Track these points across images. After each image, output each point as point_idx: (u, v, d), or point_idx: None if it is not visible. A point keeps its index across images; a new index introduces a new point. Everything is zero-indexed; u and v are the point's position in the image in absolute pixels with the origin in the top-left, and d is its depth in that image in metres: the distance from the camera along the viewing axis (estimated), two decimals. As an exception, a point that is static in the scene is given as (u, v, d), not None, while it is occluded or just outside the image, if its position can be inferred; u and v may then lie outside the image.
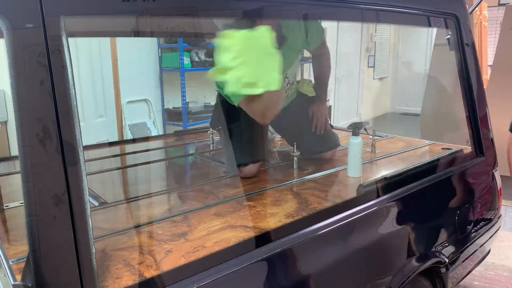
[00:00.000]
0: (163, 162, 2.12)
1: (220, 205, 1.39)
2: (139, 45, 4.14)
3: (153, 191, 1.57)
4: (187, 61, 4.18)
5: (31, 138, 0.76)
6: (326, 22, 1.83)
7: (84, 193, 0.82)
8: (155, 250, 1.08)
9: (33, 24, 0.76)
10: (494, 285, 2.45)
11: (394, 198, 1.48)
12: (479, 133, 1.97)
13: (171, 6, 1.04)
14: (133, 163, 2.03)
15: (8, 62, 0.74)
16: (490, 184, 1.99)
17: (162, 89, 4.38)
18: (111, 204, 1.42)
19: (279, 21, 1.73)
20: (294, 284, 1.15)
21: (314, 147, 1.93)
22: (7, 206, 1.42)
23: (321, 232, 1.22)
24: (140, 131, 4.09)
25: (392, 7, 1.58)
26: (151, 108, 4.31)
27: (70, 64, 0.80)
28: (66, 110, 0.79)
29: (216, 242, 1.11)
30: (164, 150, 2.37)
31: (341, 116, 6.87)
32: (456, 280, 1.81)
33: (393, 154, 2.05)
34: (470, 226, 1.80)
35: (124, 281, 0.94)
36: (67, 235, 0.80)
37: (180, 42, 4.03)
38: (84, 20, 0.97)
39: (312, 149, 1.93)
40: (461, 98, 1.95)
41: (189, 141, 2.52)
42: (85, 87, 3.53)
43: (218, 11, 1.18)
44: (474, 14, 4.59)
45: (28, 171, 0.76)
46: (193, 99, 4.60)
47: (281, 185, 1.60)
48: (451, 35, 1.89)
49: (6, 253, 1.05)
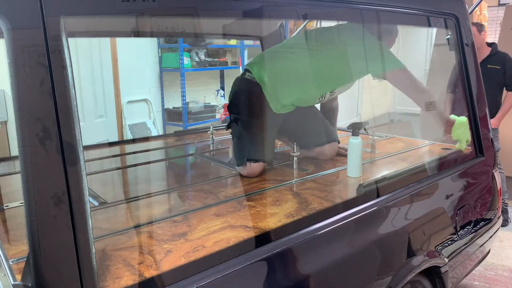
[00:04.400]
0: (163, 162, 2.12)
1: (220, 205, 1.39)
2: (139, 45, 4.15)
3: (153, 191, 1.57)
4: (187, 61, 4.19)
5: (31, 138, 0.76)
6: (326, 22, 1.83)
7: (84, 193, 0.82)
8: (155, 250, 1.08)
9: (33, 24, 0.76)
10: (494, 285, 2.45)
11: (394, 198, 1.48)
12: (479, 133, 1.97)
13: (171, 6, 1.04)
14: (133, 163, 2.03)
15: (8, 62, 0.74)
16: (490, 184, 1.99)
17: (162, 89, 4.38)
18: (111, 204, 1.42)
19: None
20: (294, 284, 1.15)
21: (313, 142, 1.94)
22: (7, 206, 1.42)
23: (321, 232, 1.22)
24: (140, 131, 4.09)
25: (392, 7, 1.58)
26: (151, 108, 4.31)
27: (70, 64, 0.80)
28: (66, 110, 0.79)
29: (216, 242, 1.11)
30: (164, 150, 2.37)
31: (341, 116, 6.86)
32: (456, 280, 1.81)
33: (393, 154, 2.05)
34: (470, 226, 1.80)
35: (124, 281, 0.94)
36: (67, 235, 0.80)
37: (180, 42, 4.04)
38: (84, 20, 0.97)
39: (311, 144, 1.93)
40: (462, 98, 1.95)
41: (189, 141, 2.52)
42: (85, 87, 3.53)
43: (218, 11, 1.18)
44: (474, 14, 4.59)
45: (28, 171, 0.76)
46: (193, 99, 4.60)
47: (281, 185, 1.60)
48: (451, 35, 1.89)
49: (6, 253, 1.05)
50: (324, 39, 1.83)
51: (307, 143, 1.92)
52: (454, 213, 1.72)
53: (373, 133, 2.08)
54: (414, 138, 2.40)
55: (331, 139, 1.95)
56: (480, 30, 3.18)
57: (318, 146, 1.94)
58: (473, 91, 1.93)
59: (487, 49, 3.20)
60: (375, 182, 1.48)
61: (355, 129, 1.73)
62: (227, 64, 4.81)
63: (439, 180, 1.72)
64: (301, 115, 1.96)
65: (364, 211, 1.37)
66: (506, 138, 3.60)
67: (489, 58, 3.17)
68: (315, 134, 1.96)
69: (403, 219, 1.50)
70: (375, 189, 1.46)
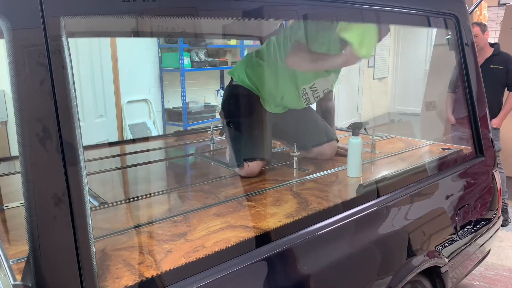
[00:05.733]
0: (163, 162, 2.12)
1: (220, 205, 1.39)
2: (139, 45, 4.15)
3: (153, 191, 1.57)
4: (187, 61, 4.19)
5: (31, 138, 0.76)
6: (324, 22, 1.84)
7: (84, 193, 0.82)
8: (155, 250, 1.08)
9: (33, 24, 0.76)
10: (494, 285, 2.45)
11: (394, 198, 1.48)
12: (479, 133, 1.97)
13: (171, 6, 1.04)
14: (133, 163, 2.03)
15: (8, 62, 0.74)
16: (489, 184, 1.99)
17: (162, 89, 4.38)
18: (111, 204, 1.42)
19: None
20: (294, 284, 1.15)
21: (312, 142, 1.94)
22: (7, 206, 1.42)
23: (321, 232, 1.22)
24: (140, 131, 4.09)
25: (392, 7, 1.58)
26: (151, 108, 4.31)
27: (70, 64, 0.80)
28: (66, 110, 0.79)
29: (216, 242, 1.11)
30: (164, 150, 2.37)
31: (341, 116, 6.87)
32: (456, 280, 1.81)
33: (393, 154, 2.05)
34: (470, 226, 1.80)
35: (124, 281, 0.94)
36: (67, 235, 0.80)
37: (180, 42, 4.03)
38: (84, 20, 0.97)
39: (310, 144, 1.94)
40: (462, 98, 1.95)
41: (189, 141, 2.52)
42: (85, 87, 3.53)
43: (218, 11, 1.18)
44: (474, 14, 4.59)
45: (28, 171, 0.76)
46: (193, 99, 4.60)
47: (281, 185, 1.60)
48: (451, 35, 1.89)
49: (6, 253, 1.05)
50: (290, 36, 1.83)
51: (306, 144, 1.92)
52: (454, 213, 1.72)
53: (373, 133, 2.08)
54: (414, 138, 2.40)
55: (330, 138, 1.95)
56: (484, 30, 3.18)
57: (317, 146, 1.94)
58: (473, 91, 1.93)
59: (490, 49, 3.20)
60: (375, 182, 1.48)
61: (355, 129, 1.73)
62: (227, 64, 4.81)
63: (439, 180, 1.72)
64: (298, 117, 1.97)
65: (364, 211, 1.37)
66: (506, 138, 3.60)
67: (492, 58, 3.17)
68: (313, 135, 1.96)
69: (403, 219, 1.50)
70: (375, 189, 1.46)
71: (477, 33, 3.10)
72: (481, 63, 2.98)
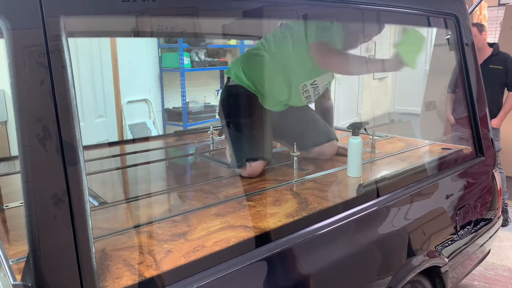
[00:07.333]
0: (163, 162, 2.12)
1: (220, 205, 1.39)
2: (139, 45, 4.15)
3: (153, 191, 1.57)
4: (187, 61, 4.19)
5: (31, 138, 0.76)
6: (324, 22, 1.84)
7: (84, 193, 0.82)
8: (155, 250, 1.08)
9: (33, 24, 0.76)
10: (494, 285, 2.45)
11: (394, 198, 1.48)
12: (479, 133, 1.97)
13: (171, 6, 1.04)
14: (133, 163, 2.03)
15: (8, 62, 0.74)
16: (489, 184, 1.99)
17: (162, 89, 4.38)
18: (111, 204, 1.42)
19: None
20: (294, 284, 1.15)
21: (312, 142, 1.94)
22: (7, 206, 1.42)
23: (321, 232, 1.22)
24: (140, 131, 4.09)
25: (392, 7, 1.58)
26: (151, 108, 4.31)
27: (70, 64, 0.80)
28: (66, 110, 0.79)
29: (216, 242, 1.11)
30: (164, 150, 2.37)
31: (341, 116, 6.86)
32: (456, 280, 1.81)
33: (393, 154, 2.05)
34: (470, 226, 1.80)
35: (124, 281, 0.94)
36: (67, 235, 0.80)
37: (180, 42, 4.04)
38: (84, 20, 0.97)
39: (310, 144, 1.94)
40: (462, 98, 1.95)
41: (189, 141, 2.52)
42: (85, 87, 3.53)
43: (218, 11, 1.18)
44: (474, 14, 4.59)
45: (28, 171, 0.76)
46: (193, 99, 4.60)
47: (281, 185, 1.60)
48: (451, 35, 1.89)
49: (6, 253, 1.05)
50: (290, 34, 1.83)
51: (306, 144, 1.92)
52: (454, 213, 1.72)
53: (373, 133, 2.08)
54: (414, 138, 2.40)
55: (330, 138, 1.95)
56: (481, 30, 3.18)
57: (317, 146, 1.94)
58: (473, 91, 1.93)
59: (489, 50, 3.20)
60: (375, 182, 1.48)
61: (355, 129, 1.73)
62: (227, 64, 4.81)
63: (439, 180, 1.72)
64: (298, 117, 1.96)
65: (364, 211, 1.37)
66: (506, 138, 3.60)
67: (491, 58, 3.17)
68: (313, 135, 1.96)
69: (403, 219, 1.50)
70: (375, 189, 1.46)
71: (474, 34, 3.10)
72: (480, 63, 2.99)
